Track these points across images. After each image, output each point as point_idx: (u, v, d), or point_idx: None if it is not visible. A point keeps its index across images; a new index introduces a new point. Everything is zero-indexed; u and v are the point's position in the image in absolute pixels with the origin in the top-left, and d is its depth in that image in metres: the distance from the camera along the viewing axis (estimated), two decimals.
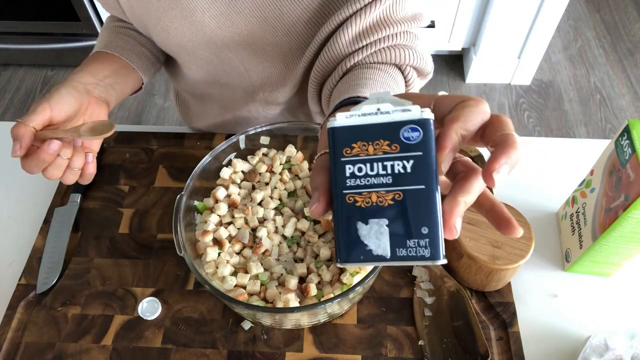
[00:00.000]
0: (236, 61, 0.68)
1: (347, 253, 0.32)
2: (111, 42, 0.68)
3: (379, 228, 0.32)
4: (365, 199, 0.32)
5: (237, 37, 0.63)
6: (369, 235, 0.32)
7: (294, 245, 0.61)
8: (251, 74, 0.69)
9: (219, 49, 0.65)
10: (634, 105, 2.01)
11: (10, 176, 0.77)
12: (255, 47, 0.65)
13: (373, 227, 0.32)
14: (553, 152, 0.76)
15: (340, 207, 0.33)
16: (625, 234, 0.54)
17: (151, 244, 0.68)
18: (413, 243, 0.31)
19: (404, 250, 0.32)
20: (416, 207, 0.32)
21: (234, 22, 0.61)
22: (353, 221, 0.32)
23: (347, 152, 0.32)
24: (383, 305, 0.62)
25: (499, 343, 0.58)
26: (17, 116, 2.06)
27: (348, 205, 0.32)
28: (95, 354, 0.59)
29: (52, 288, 0.64)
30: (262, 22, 0.61)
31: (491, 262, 0.56)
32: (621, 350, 0.53)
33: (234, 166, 0.65)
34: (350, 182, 0.32)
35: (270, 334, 0.60)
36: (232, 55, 0.67)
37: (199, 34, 0.63)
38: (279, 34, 0.62)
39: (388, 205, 0.32)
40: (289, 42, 0.63)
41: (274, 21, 0.60)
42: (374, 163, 0.32)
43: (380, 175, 0.32)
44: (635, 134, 0.52)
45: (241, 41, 0.64)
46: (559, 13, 1.78)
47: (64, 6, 1.88)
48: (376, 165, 0.32)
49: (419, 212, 0.32)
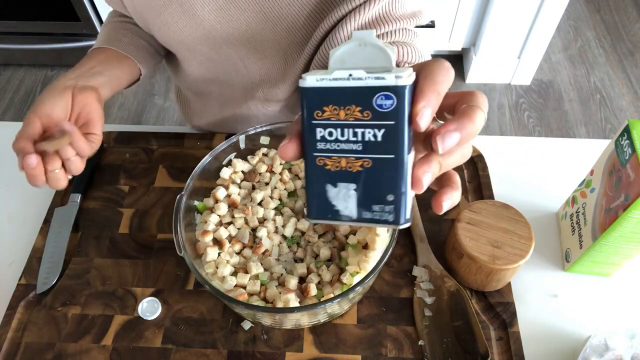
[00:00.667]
0: (235, 57, 0.68)
1: (316, 211, 0.34)
2: (109, 37, 0.68)
3: (346, 192, 0.33)
4: (335, 163, 0.33)
5: (236, 32, 0.63)
6: (337, 198, 0.33)
7: (294, 245, 0.61)
8: (250, 70, 0.69)
9: (218, 45, 0.65)
10: (634, 105, 2.01)
11: (10, 176, 0.77)
12: (254, 43, 0.65)
13: (341, 191, 0.33)
14: (553, 152, 0.76)
15: (311, 168, 0.33)
16: (625, 234, 0.54)
17: (151, 244, 0.68)
18: (378, 208, 0.33)
19: (369, 213, 0.33)
20: (384, 175, 0.32)
21: (233, 17, 0.61)
22: (322, 183, 0.33)
23: (318, 114, 0.32)
24: (383, 305, 0.62)
25: (499, 343, 0.58)
26: (17, 116, 2.06)
27: (318, 167, 0.33)
28: (95, 354, 0.59)
29: (52, 288, 0.64)
30: (261, 18, 0.61)
31: (491, 262, 0.56)
32: (621, 350, 0.53)
33: (234, 166, 0.65)
34: (320, 145, 0.33)
35: (270, 334, 0.60)
36: (231, 52, 0.67)
37: (199, 29, 0.63)
38: (277, 30, 0.62)
39: (357, 171, 0.33)
40: (288, 38, 0.63)
41: (273, 17, 0.60)
42: (345, 129, 0.32)
43: (351, 142, 0.32)
44: (635, 134, 0.52)
45: (240, 37, 0.64)
46: (559, 13, 1.78)
47: (64, 6, 1.88)
48: (347, 131, 0.32)
49: (386, 180, 0.32)
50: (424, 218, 0.68)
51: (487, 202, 0.61)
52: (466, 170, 0.73)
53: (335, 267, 0.58)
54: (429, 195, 0.34)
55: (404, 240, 0.67)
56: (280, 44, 0.64)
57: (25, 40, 2.06)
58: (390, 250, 0.52)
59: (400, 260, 0.65)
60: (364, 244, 0.58)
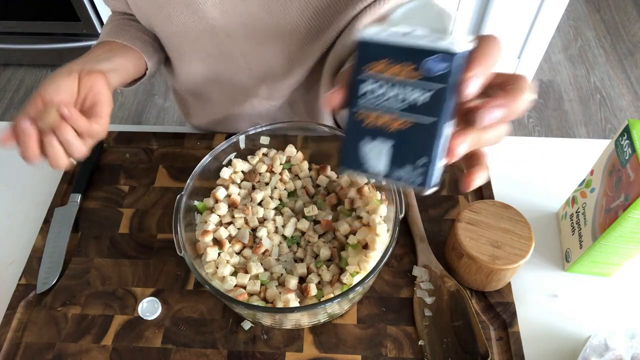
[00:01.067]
0: (237, 53, 0.67)
1: (348, 163, 0.35)
2: (112, 31, 0.67)
3: (380, 149, 0.33)
4: (375, 120, 0.33)
5: (239, 26, 0.63)
6: (370, 153, 0.34)
7: (294, 245, 0.61)
8: (252, 67, 0.69)
9: (220, 40, 0.65)
10: (634, 105, 2.01)
11: (10, 176, 0.77)
12: (257, 37, 0.64)
13: (376, 147, 0.33)
14: (553, 152, 0.76)
15: (352, 120, 0.34)
16: (625, 234, 0.54)
17: (151, 244, 0.68)
18: (409, 169, 0.33)
19: (399, 172, 0.33)
20: (421, 137, 0.32)
21: (236, 9, 0.61)
22: (359, 137, 0.34)
23: (371, 67, 0.32)
24: (383, 305, 0.62)
25: (499, 343, 0.58)
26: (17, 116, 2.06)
27: (357, 121, 0.33)
28: (95, 354, 0.59)
29: (52, 288, 0.64)
30: (265, 10, 0.60)
31: (491, 262, 0.56)
32: (621, 350, 0.53)
33: (234, 166, 0.65)
34: (366, 98, 0.33)
35: (270, 334, 0.60)
36: (233, 47, 0.66)
37: (201, 22, 0.63)
38: (282, 23, 0.62)
39: (395, 129, 0.33)
40: (292, 32, 0.63)
41: (278, 9, 0.60)
42: (393, 85, 0.32)
43: (397, 99, 0.32)
44: (635, 134, 0.52)
45: (243, 30, 0.63)
46: (559, 13, 1.78)
47: (64, 6, 1.88)
48: (395, 88, 0.32)
49: (422, 143, 0.32)
50: (424, 218, 0.68)
51: (487, 202, 0.61)
52: None
53: (335, 267, 0.58)
54: (429, 195, 0.34)
55: (404, 240, 0.67)
56: (284, 39, 0.64)
57: (25, 40, 2.06)
58: (390, 250, 0.52)
59: (400, 260, 0.65)
60: (364, 244, 0.59)
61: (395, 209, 0.56)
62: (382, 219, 0.58)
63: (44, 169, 0.77)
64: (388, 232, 0.57)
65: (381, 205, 0.59)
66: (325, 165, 0.66)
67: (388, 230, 0.57)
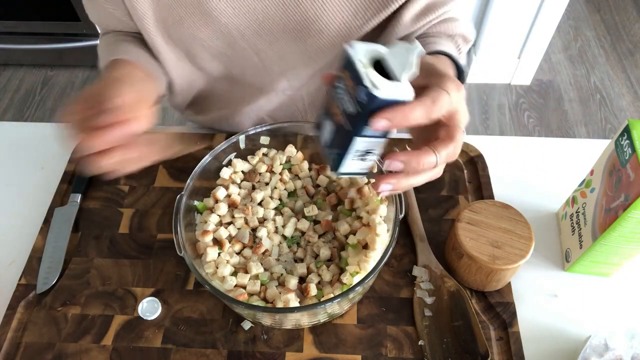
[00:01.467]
0: (250, 52, 0.68)
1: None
2: (127, 50, 0.65)
3: (328, 129, 0.45)
4: (334, 108, 0.44)
5: (253, 24, 0.63)
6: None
7: (294, 245, 0.61)
8: (266, 64, 0.70)
9: (233, 40, 0.65)
10: (634, 105, 2.01)
11: (11, 176, 0.77)
12: (270, 35, 0.65)
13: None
14: (553, 152, 0.76)
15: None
16: (625, 234, 0.54)
17: (151, 244, 0.68)
18: (332, 151, 0.45)
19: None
20: (342, 136, 0.43)
21: (250, 8, 0.61)
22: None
23: (343, 72, 0.41)
24: (383, 305, 0.62)
25: (499, 343, 0.58)
26: (17, 116, 2.06)
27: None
28: (95, 354, 0.59)
29: (52, 288, 0.64)
30: (280, 7, 0.61)
31: (491, 262, 0.56)
32: (621, 350, 0.53)
33: (234, 166, 0.65)
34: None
35: (270, 334, 0.60)
36: (246, 46, 0.66)
37: (214, 23, 0.62)
38: (306, 23, 0.62)
39: (337, 121, 0.44)
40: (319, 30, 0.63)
41: (292, 5, 0.60)
42: (346, 92, 0.41)
43: (344, 102, 0.42)
44: (635, 134, 0.52)
45: (257, 28, 0.64)
46: (559, 13, 1.78)
47: (64, 6, 1.88)
48: (346, 94, 0.41)
49: (341, 140, 0.43)
50: (424, 218, 0.68)
51: (487, 202, 0.61)
52: (466, 170, 0.73)
53: (335, 267, 0.58)
54: (430, 195, 0.34)
55: (404, 240, 0.67)
56: (297, 34, 0.64)
57: (25, 40, 2.06)
58: (390, 250, 0.52)
59: (400, 260, 0.65)
60: (364, 244, 0.59)
61: (395, 209, 0.56)
62: (382, 219, 0.58)
63: (44, 169, 0.77)
64: (388, 232, 0.57)
65: (381, 205, 0.59)
66: (325, 165, 0.66)
67: (388, 230, 0.57)
